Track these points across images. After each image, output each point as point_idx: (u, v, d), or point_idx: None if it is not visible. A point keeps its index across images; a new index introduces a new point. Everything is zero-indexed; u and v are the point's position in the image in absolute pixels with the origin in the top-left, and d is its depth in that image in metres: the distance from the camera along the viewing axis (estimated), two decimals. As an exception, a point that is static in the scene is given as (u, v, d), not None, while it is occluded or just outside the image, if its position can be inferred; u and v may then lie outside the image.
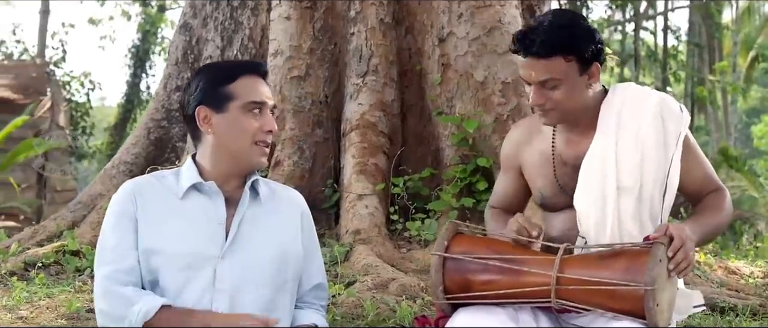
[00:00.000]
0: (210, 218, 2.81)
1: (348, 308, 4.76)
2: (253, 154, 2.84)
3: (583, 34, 2.93)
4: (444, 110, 6.67)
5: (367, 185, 6.32)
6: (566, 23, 2.93)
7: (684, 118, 3.02)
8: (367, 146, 6.51)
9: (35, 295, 5.08)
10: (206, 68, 2.98)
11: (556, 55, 2.87)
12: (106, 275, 2.74)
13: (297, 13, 6.90)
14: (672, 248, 2.63)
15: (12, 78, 18.29)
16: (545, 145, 3.14)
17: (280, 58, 6.86)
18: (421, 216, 6.28)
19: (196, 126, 2.85)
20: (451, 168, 6.47)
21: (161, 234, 2.78)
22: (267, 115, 2.85)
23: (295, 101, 6.77)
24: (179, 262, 2.75)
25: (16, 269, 5.67)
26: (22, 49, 23.01)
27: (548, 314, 2.90)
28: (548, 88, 2.91)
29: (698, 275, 5.63)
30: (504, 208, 3.36)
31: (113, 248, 2.78)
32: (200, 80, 2.86)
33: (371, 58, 6.75)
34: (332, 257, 5.69)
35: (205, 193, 2.84)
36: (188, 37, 7.70)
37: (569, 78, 2.91)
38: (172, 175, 2.92)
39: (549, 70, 2.88)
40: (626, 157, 2.96)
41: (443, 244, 2.85)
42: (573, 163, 3.04)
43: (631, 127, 2.98)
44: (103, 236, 2.83)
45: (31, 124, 16.46)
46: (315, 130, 6.76)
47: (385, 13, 6.86)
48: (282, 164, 6.59)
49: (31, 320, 4.64)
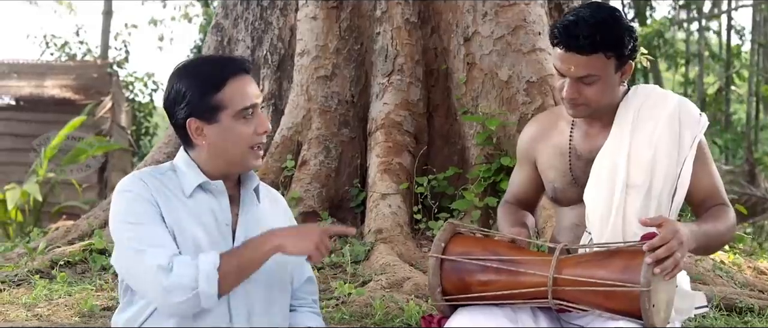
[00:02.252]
0: (217, 218, 2.79)
1: (358, 306, 4.79)
2: (249, 159, 2.80)
3: (625, 32, 2.91)
4: (469, 109, 6.65)
5: (391, 184, 6.33)
6: (610, 21, 2.91)
7: (701, 123, 3.00)
8: (392, 145, 6.52)
9: (56, 293, 5.19)
10: (189, 73, 2.81)
11: (599, 51, 2.86)
12: (162, 258, 2.58)
13: (323, 13, 6.93)
14: (666, 247, 2.56)
15: (73, 78, 18.59)
16: (562, 139, 3.14)
17: (306, 57, 6.90)
18: (444, 215, 6.27)
19: (186, 135, 2.79)
20: (475, 167, 6.45)
21: (180, 232, 2.70)
22: (259, 116, 2.80)
23: (322, 101, 6.80)
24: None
25: (43, 267, 5.78)
26: (86, 50, 23.32)
27: (548, 314, 2.90)
28: (585, 83, 2.90)
29: (720, 276, 5.54)
30: (518, 203, 3.38)
31: (155, 231, 2.65)
32: (185, 89, 2.75)
33: (397, 57, 6.76)
34: (353, 256, 5.72)
35: (210, 192, 2.81)
36: (220, 38, 7.79)
37: (606, 75, 2.90)
38: (169, 170, 2.84)
39: (589, 66, 2.87)
40: (638, 155, 2.95)
41: (440, 245, 2.84)
42: (587, 157, 3.05)
43: (647, 125, 2.97)
44: (137, 222, 2.67)
45: (92, 125, 16.74)
46: (341, 129, 6.79)
47: (410, 13, 6.86)
48: (308, 163, 6.63)
49: (46, 318, 4.73)
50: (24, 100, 18.46)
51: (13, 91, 18.56)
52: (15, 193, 13.17)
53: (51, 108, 18.02)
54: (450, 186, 6.55)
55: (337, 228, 2.64)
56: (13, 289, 5.36)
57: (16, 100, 18.55)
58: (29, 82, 18.59)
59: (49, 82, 18.58)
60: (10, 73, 18.79)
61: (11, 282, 5.47)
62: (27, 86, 18.51)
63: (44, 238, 6.96)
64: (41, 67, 19.41)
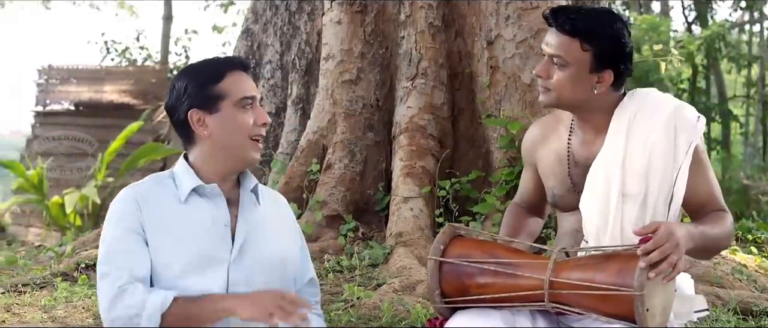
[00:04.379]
0: (215, 220, 2.83)
1: (367, 309, 4.81)
2: (249, 150, 2.86)
3: (609, 33, 2.91)
4: (493, 113, 6.63)
5: (413, 187, 6.33)
6: (602, 18, 2.94)
7: (698, 128, 2.96)
8: (415, 149, 6.52)
9: (76, 295, 5.27)
10: (190, 71, 2.93)
11: (576, 37, 2.88)
12: (120, 280, 2.68)
13: (348, 18, 6.95)
14: (660, 251, 2.55)
15: (132, 83, 18.89)
16: (561, 144, 3.14)
17: (331, 62, 6.94)
18: (466, 218, 6.26)
19: (188, 129, 2.86)
20: (498, 170, 6.43)
21: (169, 242, 2.77)
22: (259, 108, 2.89)
23: (346, 105, 6.83)
24: (190, 267, 2.75)
25: (68, 270, 5.88)
26: (146, 55, 23.60)
27: (546, 317, 2.90)
28: (555, 64, 2.92)
29: (739, 279, 5.44)
30: (525, 205, 3.40)
31: (125, 255, 2.73)
32: (186, 84, 2.85)
33: (420, 61, 6.76)
34: (372, 259, 5.75)
35: (206, 196, 2.85)
36: (250, 42, 7.87)
37: (577, 66, 2.90)
38: (168, 178, 2.92)
39: (562, 48, 2.89)
40: (633, 163, 2.92)
41: (439, 248, 2.87)
42: (584, 163, 3.03)
43: (641, 131, 2.95)
44: (112, 247, 2.76)
45: (150, 129, 17.00)
46: (366, 133, 6.80)
47: (434, 17, 6.86)
48: (333, 167, 6.65)
49: (62, 320, 4.80)
50: (83, 105, 18.82)
51: (72, 97, 18.96)
52: (74, 197, 13.45)
53: (110, 113, 18.35)
54: (474, 189, 6.54)
55: (300, 301, 2.69)
56: (36, 291, 5.45)
57: (75, 106, 18.93)
58: (88, 87, 18.94)
59: (107, 87, 18.91)
60: (70, 79, 19.16)
61: (35, 285, 5.57)
62: (86, 91, 18.87)
63: (75, 241, 7.09)
64: (100, 72, 19.74)
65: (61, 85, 19.10)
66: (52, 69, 19.23)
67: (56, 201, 14.50)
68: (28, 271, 6.13)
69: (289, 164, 6.91)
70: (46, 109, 18.78)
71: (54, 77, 19.13)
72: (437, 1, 6.88)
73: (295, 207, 6.48)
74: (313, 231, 6.28)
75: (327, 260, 5.82)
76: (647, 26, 19.17)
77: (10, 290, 5.47)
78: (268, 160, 7.33)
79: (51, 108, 18.85)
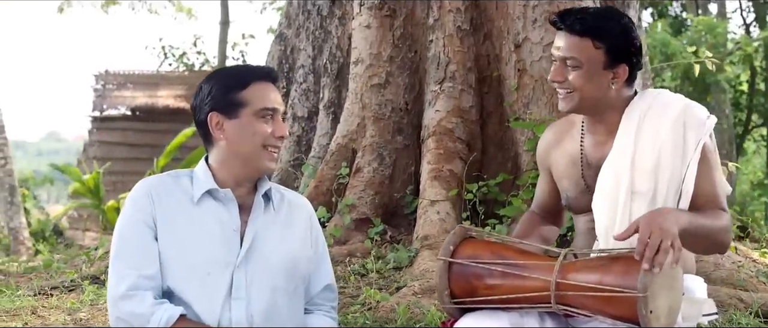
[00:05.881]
0: (224, 224, 2.87)
1: (384, 312, 4.83)
2: (263, 159, 2.88)
3: (619, 29, 2.94)
4: (521, 116, 6.60)
5: (441, 190, 6.33)
6: (610, 15, 2.99)
7: (707, 126, 2.97)
8: (443, 152, 6.52)
9: (102, 298, 5.36)
10: (217, 75, 2.99)
11: (587, 36, 2.90)
12: (129, 279, 2.75)
13: (377, 22, 6.97)
14: (650, 246, 2.53)
15: (187, 88, 19.13)
16: (574, 147, 3.16)
17: (361, 66, 6.96)
18: (493, 222, 6.25)
19: (207, 131, 2.91)
20: (525, 173, 6.42)
21: (176, 241, 2.82)
22: (278, 121, 2.91)
23: (376, 109, 6.85)
24: (195, 269, 2.80)
25: (98, 273, 5.99)
26: (203, 60, 23.83)
27: (555, 319, 2.90)
28: (569, 66, 2.93)
29: (763, 282, 5.37)
30: (542, 212, 3.41)
31: (136, 251, 2.80)
32: (212, 86, 2.90)
33: (449, 64, 6.76)
34: (397, 262, 5.77)
35: (219, 199, 2.89)
36: (283, 47, 7.93)
37: (591, 65, 2.92)
38: (187, 176, 2.96)
39: (575, 49, 2.92)
40: (643, 161, 2.93)
41: (449, 249, 2.89)
42: (597, 164, 3.05)
43: (651, 130, 2.96)
44: (123, 238, 2.84)
45: (204, 134, 17.18)
46: (395, 137, 6.82)
47: (462, 20, 6.85)
48: (362, 170, 6.68)
49: (86, 322, 4.90)
50: (139, 110, 19.10)
51: (128, 102, 19.26)
52: (129, 201, 13.60)
53: (165, 118, 18.60)
54: (501, 192, 6.52)
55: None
56: (64, 294, 5.56)
57: (131, 111, 19.21)
58: (144, 92, 19.23)
59: (162, 92, 19.19)
60: (126, 84, 19.48)
61: (64, 287, 5.68)
62: (141, 96, 19.17)
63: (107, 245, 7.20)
64: (155, 77, 20.04)
65: (117, 90, 19.43)
66: (109, 74, 19.57)
67: (112, 205, 14.74)
68: (61, 274, 6.24)
69: (319, 167, 6.95)
70: (102, 114, 19.10)
71: (110, 83, 19.47)
72: (465, 5, 6.88)
73: (324, 211, 6.52)
74: (342, 234, 6.32)
75: (351, 263, 5.85)
76: (704, 28, 18.91)
77: (39, 293, 5.58)
78: (300, 164, 7.39)
79: (107, 113, 19.17)
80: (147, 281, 2.77)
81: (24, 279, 6.25)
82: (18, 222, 14.38)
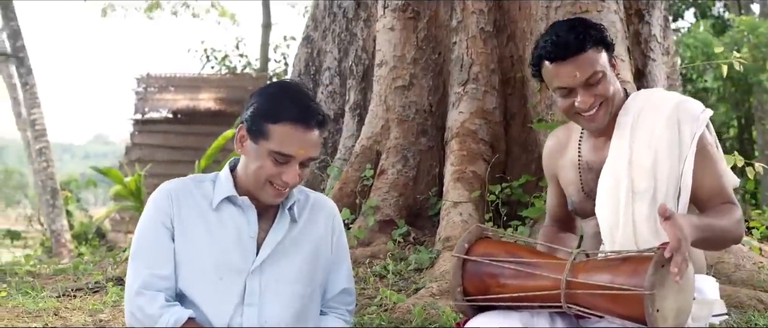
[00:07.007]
0: (241, 231, 2.88)
1: (400, 313, 4.85)
2: (266, 193, 2.86)
3: (597, 25, 3.00)
4: (544, 117, 6.59)
5: (463, 192, 6.34)
6: (582, 21, 3.00)
7: (702, 120, 2.97)
8: (466, 154, 6.53)
9: (124, 299, 5.41)
10: (267, 93, 2.88)
11: (592, 47, 2.91)
12: (143, 277, 2.80)
13: (401, 24, 7.01)
14: (670, 248, 2.53)
15: (227, 91, 19.21)
16: (575, 153, 3.17)
17: (385, 68, 7.00)
18: (515, 223, 6.24)
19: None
20: (547, 175, 6.39)
21: (191, 245, 2.85)
22: (293, 167, 2.81)
23: (399, 111, 6.88)
24: (207, 274, 2.82)
25: (122, 275, 6.02)
26: (245, 63, 23.90)
27: (565, 319, 2.91)
28: (594, 83, 2.93)
29: (785, 283, 5.31)
30: (556, 223, 3.43)
31: (152, 250, 2.83)
32: (256, 102, 2.84)
33: (472, 66, 6.77)
34: (418, 264, 5.78)
35: (238, 206, 2.90)
36: (310, 50, 7.98)
37: (607, 68, 2.96)
38: (210, 181, 2.96)
39: (593, 63, 2.92)
40: (640, 160, 2.95)
41: (464, 246, 2.90)
42: (597, 168, 3.07)
43: (645, 130, 2.98)
44: (142, 238, 2.88)
45: (245, 136, 17.26)
46: (419, 138, 6.84)
47: (485, 22, 6.86)
48: (386, 172, 6.70)
49: (106, 323, 4.95)
50: (180, 113, 19.22)
51: (169, 105, 19.38)
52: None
53: (206, 120, 18.68)
54: (525, 194, 6.51)
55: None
56: (88, 296, 5.62)
57: (173, 113, 19.34)
58: (185, 95, 19.34)
59: (203, 95, 19.27)
60: (167, 87, 19.60)
61: (88, 289, 5.74)
62: (183, 99, 19.26)
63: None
64: (196, 80, 20.12)
65: (158, 93, 19.56)
66: (150, 78, 19.72)
67: (153, 208, 14.78)
68: (87, 275, 6.31)
69: (344, 169, 6.98)
70: (144, 117, 19.25)
71: (152, 86, 19.61)
72: (488, 7, 6.88)
73: (348, 212, 6.54)
74: (366, 236, 6.34)
75: (372, 265, 5.87)
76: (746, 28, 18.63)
77: (63, 294, 5.65)
78: (325, 166, 7.43)
79: (149, 116, 19.31)
80: (160, 280, 2.80)
81: (51, 281, 6.32)
82: (59, 224, 14.60)
